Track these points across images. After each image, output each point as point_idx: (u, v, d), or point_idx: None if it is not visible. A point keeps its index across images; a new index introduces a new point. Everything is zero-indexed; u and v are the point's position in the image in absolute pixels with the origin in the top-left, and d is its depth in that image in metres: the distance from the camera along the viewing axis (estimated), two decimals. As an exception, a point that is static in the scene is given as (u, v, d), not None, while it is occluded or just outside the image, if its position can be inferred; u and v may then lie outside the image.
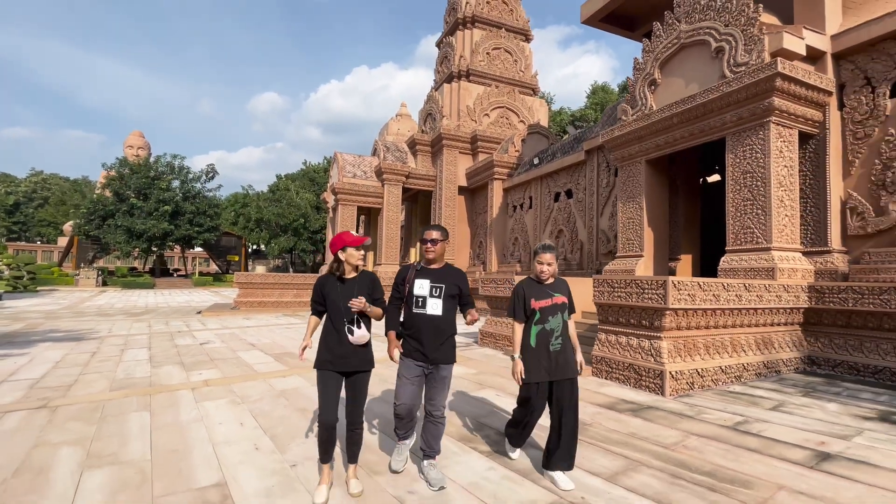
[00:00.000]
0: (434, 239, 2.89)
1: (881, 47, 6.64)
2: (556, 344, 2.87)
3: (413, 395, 2.86)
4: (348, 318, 2.68)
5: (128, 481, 2.88)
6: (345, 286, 2.75)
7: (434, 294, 2.84)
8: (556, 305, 2.90)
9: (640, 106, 8.80)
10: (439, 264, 2.97)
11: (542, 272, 2.95)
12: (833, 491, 2.71)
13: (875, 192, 6.59)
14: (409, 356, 2.89)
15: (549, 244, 2.98)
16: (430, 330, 2.82)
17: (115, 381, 5.54)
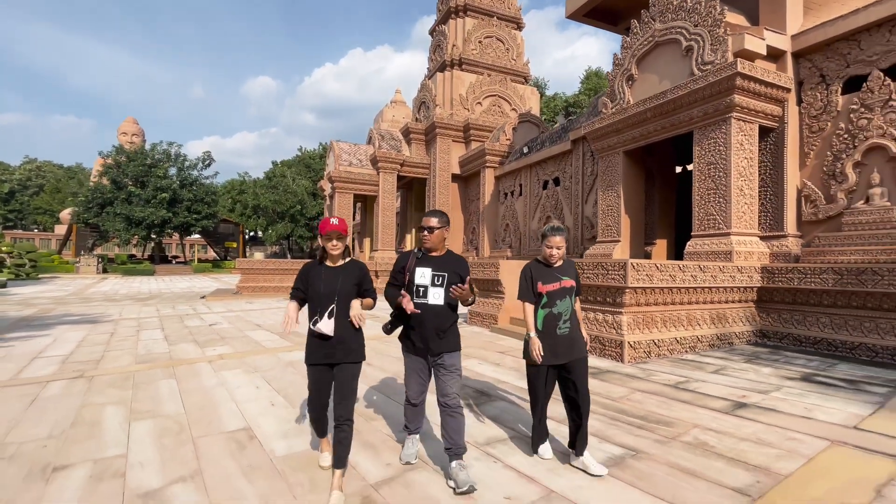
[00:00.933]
0: (431, 227, 2.75)
1: (835, 47, 7.21)
2: (563, 328, 2.78)
3: (422, 384, 2.84)
4: (321, 308, 2.55)
5: (169, 428, 3.54)
6: (330, 273, 2.62)
7: (436, 283, 2.71)
8: (563, 289, 2.81)
9: (618, 100, 9.36)
10: (440, 252, 2.83)
11: (551, 256, 2.84)
12: (736, 428, 3.41)
13: (826, 182, 7.23)
14: (410, 350, 2.82)
15: (558, 226, 2.84)
16: (431, 320, 2.70)
17: (138, 357, 6.19)
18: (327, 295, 2.56)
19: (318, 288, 2.57)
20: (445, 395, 2.71)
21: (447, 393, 2.71)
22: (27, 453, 3.09)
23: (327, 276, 2.60)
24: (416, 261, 2.78)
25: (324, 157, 56.14)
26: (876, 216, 6.55)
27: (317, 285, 2.58)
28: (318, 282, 2.59)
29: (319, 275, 2.61)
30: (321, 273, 2.62)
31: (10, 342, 7.27)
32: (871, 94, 6.76)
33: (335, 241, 2.60)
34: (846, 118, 7.04)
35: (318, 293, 2.57)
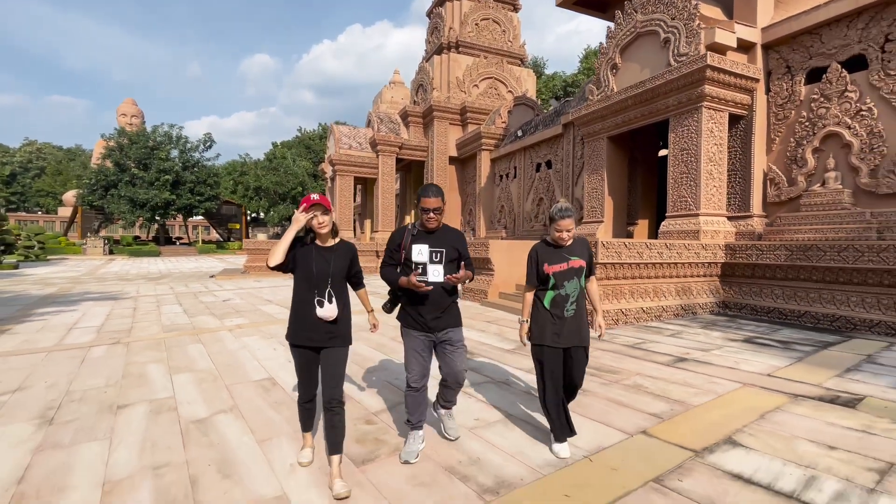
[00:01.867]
0: (437, 208, 2.60)
1: (800, 40, 7.73)
2: (570, 309, 2.68)
3: (423, 365, 2.69)
4: (319, 291, 2.46)
5: (205, 378, 4.30)
6: (322, 254, 2.52)
7: (434, 259, 2.61)
8: (571, 270, 2.68)
9: (603, 87, 9.89)
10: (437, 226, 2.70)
11: (560, 240, 2.70)
12: (670, 375, 4.15)
13: (789, 166, 7.86)
14: (411, 327, 2.71)
15: (567, 207, 2.68)
16: (433, 297, 2.62)
17: (165, 327, 6.95)
18: (320, 276, 2.47)
19: (311, 268, 2.47)
20: (455, 371, 2.71)
21: (457, 370, 2.71)
22: (92, 397, 3.85)
23: (319, 257, 2.49)
24: (411, 237, 2.65)
25: (323, 138, 56.31)
26: (829, 198, 7.20)
27: (308, 265, 2.48)
28: (310, 262, 2.48)
29: (310, 254, 2.50)
30: (312, 253, 2.50)
31: (44, 316, 8.03)
32: (829, 84, 7.33)
33: (321, 216, 2.45)
34: (808, 107, 7.63)
35: (310, 274, 2.47)
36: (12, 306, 9.20)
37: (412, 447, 2.66)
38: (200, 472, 2.55)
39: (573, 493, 2.27)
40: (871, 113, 6.90)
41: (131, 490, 2.37)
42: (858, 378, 4.02)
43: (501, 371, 4.44)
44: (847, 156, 7.15)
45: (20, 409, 3.55)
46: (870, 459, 2.57)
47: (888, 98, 6.74)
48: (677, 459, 2.61)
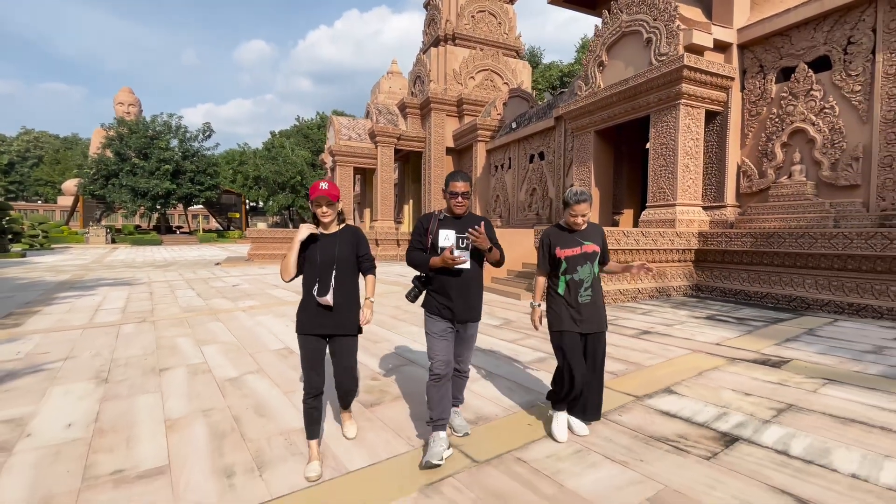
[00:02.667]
0: (466, 192, 2.58)
1: (771, 41, 8.28)
2: (585, 296, 2.63)
3: (448, 350, 2.61)
4: (322, 278, 2.45)
5: (230, 348, 4.93)
6: (326, 241, 2.51)
7: (461, 246, 2.57)
8: (584, 255, 2.64)
9: (591, 84, 10.43)
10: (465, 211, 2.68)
11: (574, 224, 2.67)
12: (632, 344, 4.81)
13: (760, 160, 8.46)
14: (435, 314, 2.63)
15: (582, 191, 2.63)
16: (459, 285, 2.57)
17: (183, 308, 7.58)
18: (326, 263, 2.46)
19: (315, 256, 2.46)
20: (463, 361, 2.74)
21: (464, 360, 2.75)
22: (135, 363, 4.48)
23: (323, 244, 2.48)
24: (438, 223, 2.62)
25: (321, 128, 56.46)
26: (793, 189, 7.82)
27: (313, 253, 2.46)
28: (315, 250, 2.46)
29: (315, 243, 2.50)
30: (317, 241, 2.50)
31: (68, 299, 8.64)
32: (797, 83, 7.90)
33: (325, 207, 2.47)
34: (778, 104, 8.20)
35: (315, 261, 2.46)
36: (33, 291, 9.80)
37: (436, 448, 2.42)
38: (240, 414, 3.19)
39: (534, 423, 2.92)
40: (833, 110, 7.49)
41: (188, 426, 3.01)
42: (793, 346, 4.68)
43: (489, 342, 5.09)
44: (811, 150, 7.75)
45: (76, 372, 4.18)
46: (774, 402, 3.22)
47: (848, 97, 7.32)
48: (622, 402, 3.26)
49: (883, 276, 6.12)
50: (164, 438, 2.81)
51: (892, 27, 6.84)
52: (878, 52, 6.98)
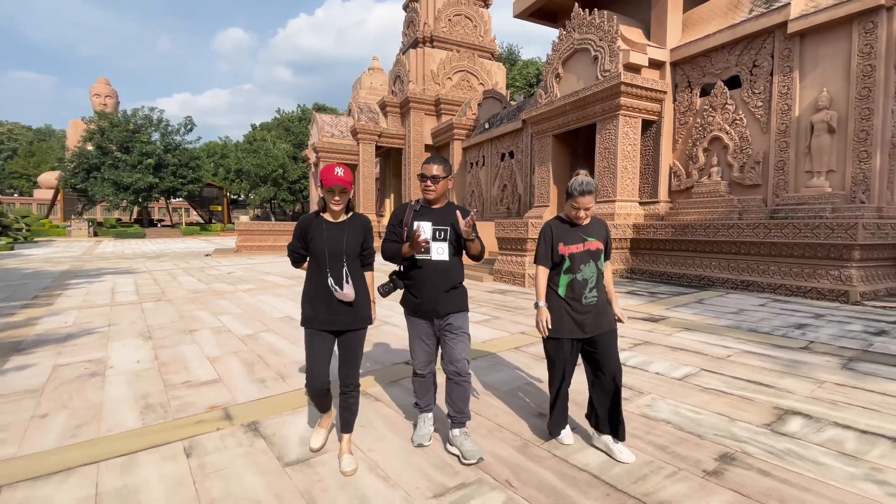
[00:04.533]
0: (435, 175, 2.45)
1: (696, 61, 9.73)
2: (590, 297, 2.40)
3: (429, 352, 2.57)
4: (334, 270, 2.34)
5: (241, 316, 6.15)
6: (333, 230, 2.39)
7: (438, 237, 2.46)
8: (588, 252, 2.43)
9: (549, 93, 11.78)
10: (441, 203, 2.56)
11: (577, 218, 2.44)
12: (560, 311, 6.20)
13: (687, 162, 9.94)
14: (414, 314, 2.54)
15: (588, 181, 2.38)
16: (436, 278, 2.45)
17: (190, 290, 8.70)
18: (335, 254, 2.34)
19: (322, 246, 2.34)
20: (454, 360, 2.47)
21: (456, 358, 2.47)
22: (168, 326, 5.66)
23: (331, 233, 2.36)
24: (413, 214, 2.50)
25: (303, 120, 56.77)
26: (710, 188, 9.32)
27: (319, 243, 2.34)
28: (321, 239, 2.35)
29: (321, 230, 2.36)
30: (323, 229, 2.37)
31: (81, 285, 9.66)
32: (715, 98, 9.38)
33: (338, 195, 2.33)
34: (701, 115, 9.67)
35: (321, 251, 2.34)
36: (42, 279, 10.75)
37: (423, 430, 2.59)
38: (261, 353, 4.44)
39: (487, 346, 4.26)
40: (742, 122, 8.98)
41: (225, 360, 4.25)
42: (678, 311, 6.12)
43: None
44: (726, 155, 9.25)
45: (123, 333, 5.36)
46: (637, 340, 4.62)
47: (753, 111, 8.82)
48: (532, 341, 4.62)
49: (766, 259, 7.65)
50: (210, 366, 4.05)
51: (784, 54, 8.33)
52: (774, 75, 8.47)
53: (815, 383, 3.35)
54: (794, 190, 8.22)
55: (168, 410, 3.10)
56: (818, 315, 5.69)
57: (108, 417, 3.00)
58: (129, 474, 2.30)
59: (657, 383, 3.46)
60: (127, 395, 3.38)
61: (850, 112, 7.53)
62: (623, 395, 2.83)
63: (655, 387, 3.39)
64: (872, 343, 4.40)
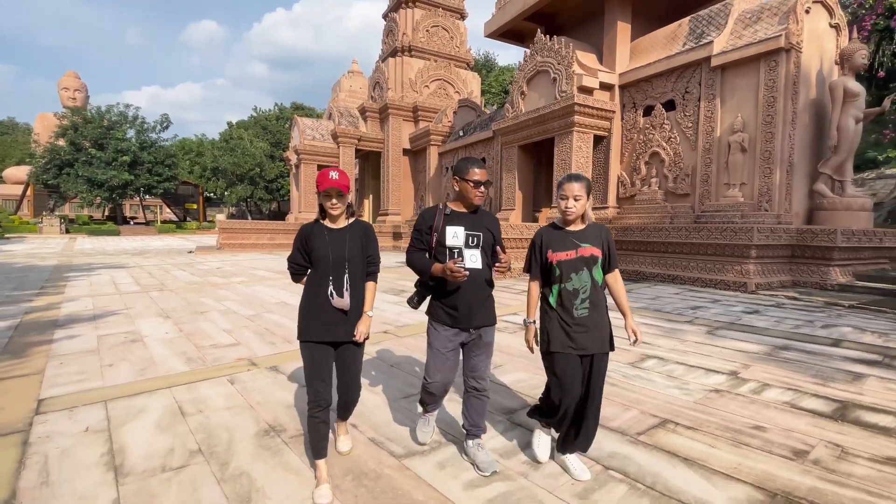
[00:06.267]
0: (489, 181, 2.36)
1: (640, 85, 11.18)
2: (581, 309, 2.18)
3: (450, 371, 2.36)
4: (335, 278, 2.22)
5: (242, 302, 7.15)
6: (335, 236, 2.27)
7: (471, 244, 2.31)
8: (581, 259, 2.19)
9: (515, 108, 13.08)
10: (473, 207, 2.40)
11: (567, 209, 2.21)
12: (513, 298, 7.41)
13: (631, 173, 11.37)
14: (442, 323, 2.34)
15: (577, 174, 2.26)
16: (470, 287, 2.28)
17: (187, 282, 9.59)
18: (337, 261, 2.24)
19: (324, 253, 2.24)
20: (479, 376, 2.38)
21: (482, 374, 2.39)
22: (180, 308, 6.62)
23: (333, 240, 2.27)
24: (444, 218, 2.34)
25: (280, 119, 56.88)
26: (649, 196, 10.77)
27: (321, 250, 2.24)
28: (323, 246, 2.25)
29: (323, 237, 2.26)
30: (325, 235, 2.27)
31: (79, 278, 10.39)
32: (655, 118, 10.83)
33: (335, 199, 2.23)
34: (643, 132, 11.12)
35: (324, 259, 2.24)
36: (40, 272, 11.40)
37: (424, 429, 2.53)
38: (267, 327, 5.49)
39: (434, 326, 5.43)
40: (675, 140, 10.45)
41: (239, 331, 5.29)
42: (611, 298, 7.43)
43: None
44: (662, 168, 10.70)
45: (143, 314, 6.31)
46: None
47: (685, 131, 10.29)
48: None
49: (688, 256, 9.09)
50: (228, 336, 5.10)
51: (709, 83, 9.82)
52: (702, 100, 9.95)
53: (680, 342, 4.65)
54: (715, 199, 9.71)
55: (206, 361, 4.15)
56: (715, 300, 7.09)
57: (161, 365, 4.04)
58: (194, 392, 3.37)
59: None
60: (169, 353, 4.41)
61: (758, 135, 9.05)
62: (538, 345, 4.02)
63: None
64: (741, 318, 5.78)
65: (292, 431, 2.72)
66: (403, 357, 4.25)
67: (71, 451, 2.49)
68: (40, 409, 3.04)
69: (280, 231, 20.16)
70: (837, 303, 6.91)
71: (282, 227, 20.75)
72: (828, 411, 2.98)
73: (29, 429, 2.76)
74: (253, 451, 2.49)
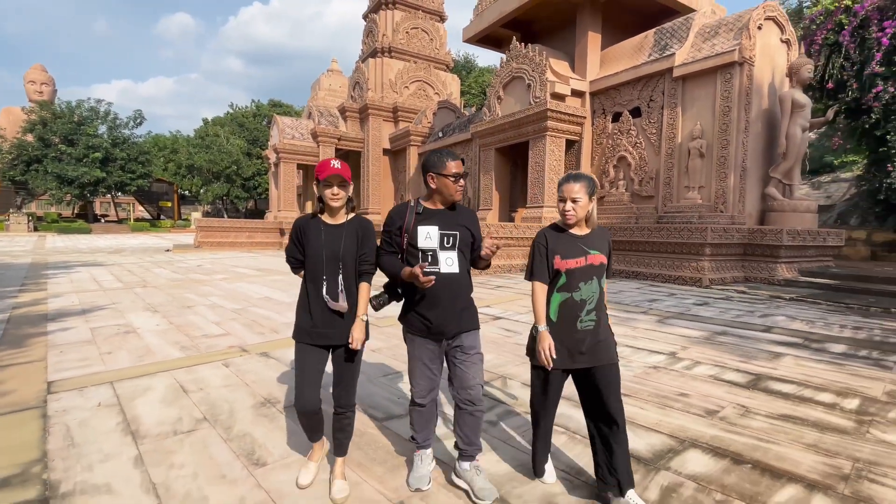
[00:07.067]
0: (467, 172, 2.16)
1: (609, 92, 11.81)
2: (586, 321, 2.00)
3: (431, 378, 2.16)
4: (329, 277, 2.08)
5: (227, 298, 7.42)
6: (331, 232, 2.12)
7: (445, 245, 2.08)
8: (591, 267, 2.01)
9: (492, 112, 13.58)
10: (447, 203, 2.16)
11: (565, 212, 2.03)
12: (490, 293, 7.89)
13: (601, 175, 12.01)
14: (418, 333, 2.13)
15: (578, 173, 2.05)
16: (446, 294, 2.07)
17: (169, 279, 9.75)
18: (331, 259, 2.08)
19: (319, 250, 2.09)
20: (467, 386, 2.11)
21: (470, 384, 2.11)
22: (167, 303, 6.86)
23: (329, 237, 2.10)
24: (415, 217, 2.11)
25: (257, 116, 56.31)
26: (617, 197, 11.41)
27: (316, 246, 2.09)
28: (318, 242, 2.10)
29: (319, 233, 2.11)
30: (321, 231, 2.12)
31: (59, 275, 10.41)
32: (622, 124, 11.47)
33: (336, 188, 2.07)
34: (612, 137, 11.75)
35: (318, 256, 2.09)
36: (17, 270, 11.34)
37: (421, 471, 2.17)
38: (254, 319, 5.81)
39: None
40: (641, 145, 11.11)
41: (228, 322, 5.60)
42: (577, 292, 7.98)
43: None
44: (629, 171, 11.35)
45: (131, 308, 6.54)
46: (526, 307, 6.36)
47: (650, 137, 10.96)
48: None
49: (650, 254, 9.74)
50: (217, 327, 5.41)
51: (671, 93, 10.49)
52: (665, 108, 10.63)
53: (632, 329, 5.19)
54: (676, 201, 10.40)
55: (199, 349, 4.48)
56: (672, 294, 7.72)
57: (158, 352, 4.35)
58: (193, 374, 3.71)
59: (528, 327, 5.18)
60: (163, 342, 4.72)
61: (715, 141, 9.76)
62: (512, 328, 4.49)
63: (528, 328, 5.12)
64: (690, 309, 6.38)
65: (285, 403, 3.11)
66: (383, 343, 4.65)
67: (88, 422, 2.83)
68: (51, 390, 3.34)
69: (259, 229, 20.26)
70: (780, 296, 7.61)
71: (261, 226, 20.87)
72: (743, 382, 3.53)
73: (44, 405, 3.07)
74: (252, 419, 2.87)
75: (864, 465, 2.33)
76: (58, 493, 2.09)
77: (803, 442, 2.57)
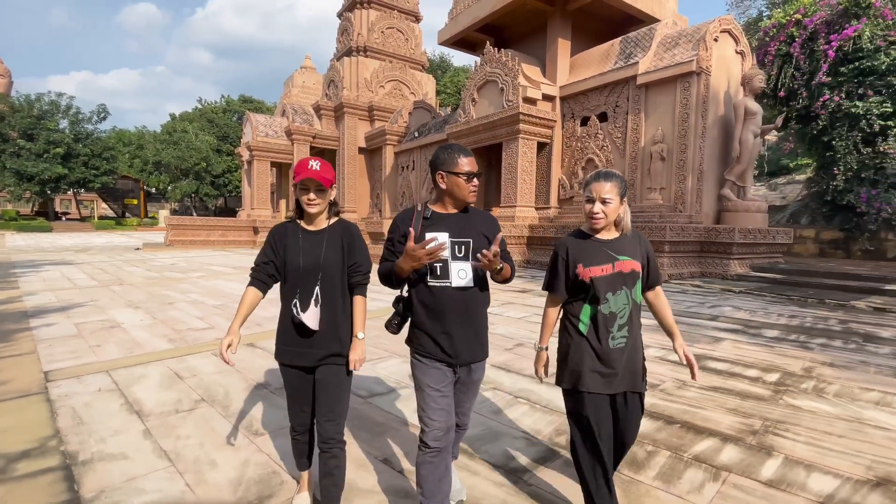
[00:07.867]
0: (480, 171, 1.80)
1: (577, 97, 12.38)
2: (618, 338, 1.76)
3: (448, 410, 1.80)
4: (303, 289, 1.84)
5: (206, 294, 7.55)
6: (310, 240, 1.88)
7: (458, 255, 1.80)
8: (620, 275, 1.75)
9: (467, 114, 13.98)
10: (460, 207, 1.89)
11: (593, 214, 1.77)
12: (462, 288, 8.27)
13: (570, 176, 12.57)
14: (428, 355, 1.81)
15: (608, 172, 1.79)
16: (458, 312, 1.79)
17: (145, 278, 9.75)
18: (309, 270, 1.84)
19: (295, 260, 1.85)
20: (462, 412, 1.96)
21: (464, 412, 1.96)
22: (147, 300, 6.96)
23: (307, 245, 1.86)
24: (423, 222, 1.82)
25: (227, 112, 55.19)
26: (585, 198, 11.98)
27: (294, 257, 1.85)
28: (296, 250, 1.86)
29: (297, 240, 1.88)
30: (299, 239, 1.88)
31: (27, 274, 10.24)
32: (590, 128, 12.05)
33: (312, 194, 1.81)
34: (581, 140, 12.32)
35: (296, 268, 1.85)
36: (-19, 268, 11.06)
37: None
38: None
39: (391, 311, 6.17)
40: (608, 148, 11.71)
41: (210, 317, 5.79)
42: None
43: (378, 289, 8.26)
44: (596, 173, 11.93)
45: (113, 305, 6.62)
46: (505, 301, 6.77)
47: (615, 140, 11.56)
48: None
49: (616, 252, 10.32)
50: (201, 321, 5.60)
51: (635, 99, 11.11)
52: (629, 114, 11.24)
53: (594, 319, 5.67)
54: (639, 201, 11.03)
55: (187, 341, 4.69)
56: (633, 288, 8.28)
57: (146, 345, 4.54)
58: (184, 363, 3.94)
59: (506, 319, 5.59)
60: (150, 336, 4.90)
61: (674, 146, 10.41)
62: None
63: (505, 320, 5.53)
64: (648, 302, 6.92)
65: (276, 385, 3.40)
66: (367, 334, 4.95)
67: (93, 404, 3.05)
68: (49, 378, 3.53)
69: (231, 228, 20.13)
70: (731, 289, 8.27)
71: (233, 224, 20.71)
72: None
73: (46, 392, 3.27)
74: (247, 398, 3.16)
75: (771, 423, 2.81)
76: (77, 461, 2.34)
77: (726, 407, 3.03)
